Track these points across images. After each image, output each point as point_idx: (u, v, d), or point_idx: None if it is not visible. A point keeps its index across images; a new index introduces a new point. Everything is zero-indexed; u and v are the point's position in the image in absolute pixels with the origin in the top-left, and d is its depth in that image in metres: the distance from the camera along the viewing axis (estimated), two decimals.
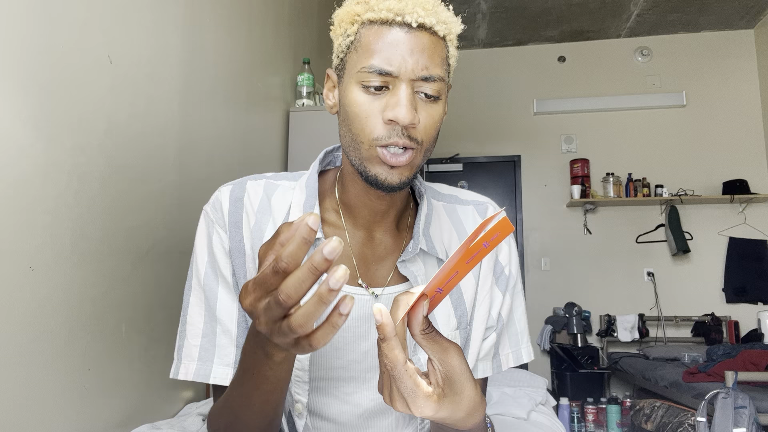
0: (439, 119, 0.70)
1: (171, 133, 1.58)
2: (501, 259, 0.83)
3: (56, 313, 1.11)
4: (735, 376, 2.48)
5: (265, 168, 2.38)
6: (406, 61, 0.65)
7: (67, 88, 1.13)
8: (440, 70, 0.68)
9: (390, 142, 0.66)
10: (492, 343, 0.81)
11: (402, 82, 0.66)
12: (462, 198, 0.86)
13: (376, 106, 0.67)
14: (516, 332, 0.84)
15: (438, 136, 0.73)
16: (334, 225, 0.79)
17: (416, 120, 0.66)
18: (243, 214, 0.78)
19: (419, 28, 0.66)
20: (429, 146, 0.70)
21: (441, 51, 0.69)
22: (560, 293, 4.43)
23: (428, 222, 0.79)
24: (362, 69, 0.67)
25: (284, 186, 0.81)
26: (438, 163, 4.77)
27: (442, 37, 0.69)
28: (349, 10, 0.70)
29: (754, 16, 4.36)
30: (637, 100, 4.59)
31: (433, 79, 0.67)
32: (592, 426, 3.62)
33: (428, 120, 0.68)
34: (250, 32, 2.21)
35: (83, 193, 1.19)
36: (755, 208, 4.35)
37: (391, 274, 0.78)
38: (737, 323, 4.19)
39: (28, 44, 1.03)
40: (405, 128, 0.66)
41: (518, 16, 4.37)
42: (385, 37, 0.66)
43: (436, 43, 0.68)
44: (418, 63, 0.66)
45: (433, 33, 0.67)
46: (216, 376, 0.74)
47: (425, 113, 0.68)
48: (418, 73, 0.66)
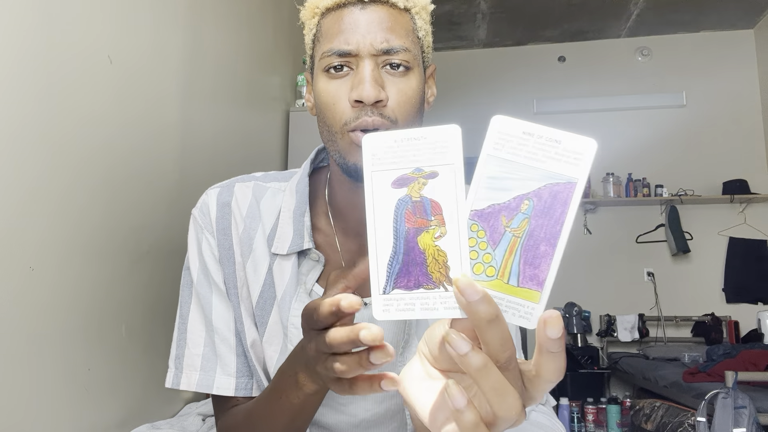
0: (413, 94, 0.65)
1: (171, 133, 1.58)
2: None
3: (56, 313, 1.11)
4: (735, 376, 2.48)
5: (265, 168, 2.37)
6: (364, 37, 0.63)
7: (67, 88, 1.13)
8: (405, 40, 0.64)
9: (358, 123, 0.63)
10: None
11: (363, 59, 0.63)
12: None
13: (342, 90, 0.65)
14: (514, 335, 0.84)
15: (421, 117, 0.69)
16: (324, 232, 0.76)
17: (382, 96, 0.63)
18: (231, 220, 0.76)
19: (374, 2, 0.64)
20: (407, 124, 0.65)
21: (405, 23, 0.66)
22: (560, 293, 4.43)
23: None
24: (323, 55, 0.65)
25: (273, 188, 0.78)
26: None
27: (404, 9, 0.66)
28: (308, 5, 0.69)
29: (754, 16, 4.36)
30: (637, 100, 4.59)
31: (396, 51, 0.64)
32: (592, 426, 3.62)
33: (400, 96, 0.64)
34: (250, 32, 2.21)
35: (83, 193, 1.19)
36: (755, 208, 4.35)
37: None
38: (737, 323, 4.19)
39: (28, 44, 1.03)
40: (374, 106, 0.63)
41: (518, 16, 4.37)
42: (343, 20, 0.64)
43: (396, 15, 0.65)
44: (376, 37, 0.63)
45: (392, 5, 0.65)
46: (219, 387, 0.73)
47: (395, 88, 0.64)
48: (378, 46, 0.63)
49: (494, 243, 0.37)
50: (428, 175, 0.38)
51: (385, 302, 0.38)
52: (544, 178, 0.36)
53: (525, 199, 0.37)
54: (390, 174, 0.37)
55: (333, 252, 0.75)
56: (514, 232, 0.36)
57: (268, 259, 0.74)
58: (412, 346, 0.73)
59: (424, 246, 0.37)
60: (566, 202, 0.36)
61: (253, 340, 0.74)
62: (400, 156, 0.38)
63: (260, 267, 0.74)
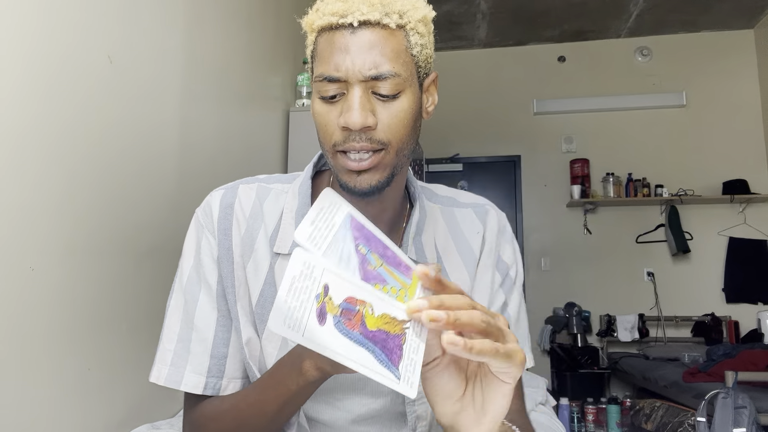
0: (405, 116, 0.66)
1: (171, 133, 1.58)
2: (505, 259, 0.82)
3: (56, 313, 1.11)
4: (735, 376, 2.48)
5: (265, 168, 2.38)
6: (353, 63, 0.64)
7: (67, 88, 1.13)
8: (394, 64, 0.64)
9: (347, 146, 0.65)
10: None
11: (353, 85, 0.64)
12: (460, 201, 0.84)
13: (333, 114, 0.66)
14: (524, 336, 0.82)
15: (416, 133, 0.70)
16: None
17: (370, 122, 0.64)
18: (233, 221, 0.77)
19: (364, 25, 0.64)
20: (402, 145, 0.67)
21: (395, 43, 0.65)
22: (560, 293, 4.43)
23: (420, 229, 0.78)
24: (316, 78, 0.67)
25: (276, 190, 0.80)
26: (438, 163, 4.76)
27: (398, 27, 0.66)
28: (307, 19, 0.69)
29: (754, 16, 4.36)
30: (637, 100, 4.59)
31: (385, 77, 0.64)
32: (592, 426, 3.62)
33: (390, 119, 0.66)
34: (250, 32, 2.21)
35: (83, 193, 1.19)
36: (755, 208, 4.35)
37: None
38: (737, 323, 4.19)
39: (29, 44, 1.03)
40: (362, 132, 0.65)
41: (518, 16, 4.37)
42: (334, 43, 0.65)
43: (387, 37, 0.65)
44: (365, 63, 0.64)
45: (383, 27, 0.65)
46: (187, 384, 0.73)
47: (386, 113, 0.65)
48: (367, 72, 0.64)
49: (384, 280, 0.48)
50: (325, 291, 0.45)
51: (406, 382, 0.45)
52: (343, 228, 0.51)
53: (359, 245, 0.50)
54: (308, 320, 0.44)
55: None
56: (378, 264, 0.49)
57: (269, 259, 0.75)
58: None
59: (374, 326, 0.45)
60: (358, 226, 0.52)
61: (249, 338, 0.75)
62: (298, 301, 0.44)
63: (261, 267, 0.75)
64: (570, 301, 4.27)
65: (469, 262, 0.80)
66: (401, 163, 0.70)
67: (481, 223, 0.82)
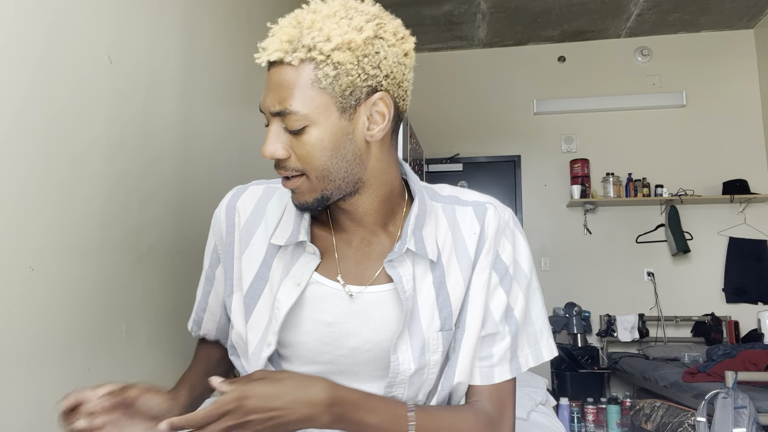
0: (316, 146, 0.70)
1: (171, 133, 1.58)
2: (504, 258, 0.82)
3: (56, 313, 1.11)
4: (735, 376, 2.48)
5: (265, 168, 2.38)
6: (265, 99, 0.70)
7: (67, 88, 1.13)
8: (293, 101, 0.68)
9: (276, 170, 0.74)
10: (507, 346, 0.81)
11: (271, 118, 0.71)
12: (463, 199, 0.85)
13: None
14: (534, 332, 0.84)
15: (342, 158, 0.72)
16: (324, 227, 0.83)
17: (279, 153, 0.71)
18: (235, 218, 0.85)
19: (273, 64, 0.70)
20: (323, 172, 0.71)
21: (299, 79, 0.68)
22: (560, 293, 4.43)
23: (420, 223, 0.79)
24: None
25: (283, 189, 0.85)
26: (438, 163, 4.76)
27: (302, 62, 0.68)
28: None
29: (754, 16, 4.36)
30: (637, 100, 4.59)
31: (285, 114, 0.69)
32: (592, 426, 3.62)
33: (301, 151, 0.71)
34: (249, 32, 2.21)
35: (83, 193, 1.19)
36: (755, 208, 4.35)
37: (377, 274, 0.79)
38: (737, 323, 4.19)
39: (29, 44, 1.03)
40: (277, 161, 0.73)
41: (518, 16, 4.37)
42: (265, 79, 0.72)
43: (291, 73, 0.68)
44: (273, 100, 0.69)
45: (287, 64, 0.68)
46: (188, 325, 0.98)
47: (297, 144, 0.71)
48: (272, 109, 0.70)
49: None
50: None
51: None
52: None
53: None
54: None
55: (329, 245, 0.81)
56: None
57: (264, 253, 0.82)
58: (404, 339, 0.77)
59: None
60: None
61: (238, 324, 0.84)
62: None
63: (255, 259, 0.82)
64: (570, 301, 4.26)
65: (464, 264, 0.80)
66: (336, 187, 0.73)
67: (479, 223, 0.82)
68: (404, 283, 0.76)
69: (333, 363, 0.78)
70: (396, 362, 0.76)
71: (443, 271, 0.79)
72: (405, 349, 0.76)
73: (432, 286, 0.79)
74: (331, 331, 0.77)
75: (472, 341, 0.79)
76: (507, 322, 0.81)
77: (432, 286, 0.79)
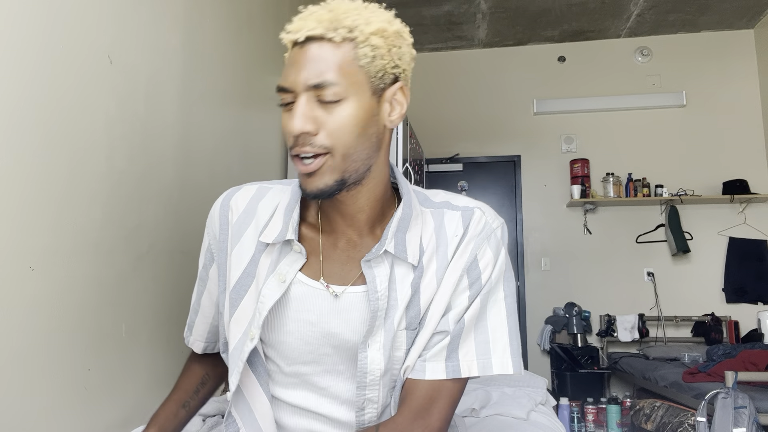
0: (348, 122, 0.72)
1: (171, 133, 1.58)
2: (481, 264, 0.80)
3: (56, 313, 1.11)
4: (735, 376, 2.48)
5: (265, 168, 2.38)
6: (298, 74, 0.71)
7: (67, 88, 1.14)
8: (334, 74, 0.70)
9: (296, 151, 0.73)
10: (445, 344, 0.78)
11: (299, 94, 0.72)
12: (453, 204, 0.84)
13: (287, 122, 0.74)
14: (486, 341, 0.79)
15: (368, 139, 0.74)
16: (312, 227, 0.85)
17: (309, 128, 0.71)
18: (229, 215, 0.87)
19: (311, 40, 0.72)
20: (349, 150, 0.73)
21: (340, 56, 0.71)
22: (560, 293, 4.43)
23: (403, 226, 0.79)
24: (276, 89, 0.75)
25: (276, 190, 0.87)
26: (438, 163, 4.77)
27: (344, 41, 0.71)
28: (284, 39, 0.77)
29: (754, 16, 4.36)
30: (637, 100, 4.59)
31: (324, 85, 0.70)
32: (592, 426, 3.62)
33: (333, 125, 0.71)
34: (250, 32, 2.21)
35: (83, 193, 1.19)
36: (755, 208, 4.35)
37: (358, 275, 0.80)
38: (737, 323, 4.19)
39: (29, 44, 1.03)
40: (306, 136, 0.71)
41: (518, 16, 4.37)
42: (289, 58, 0.74)
43: (331, 49, 0.71)
44: (309, 74, 0.71)
45: (328, 40, 0.71)
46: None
47: (329, 119, 0.71)
48: (309, 82, 0.71)
49: None
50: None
51: None
52: None
53: None
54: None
55: (316, 246, 0.83)
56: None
57: (253, 250, 0.83)
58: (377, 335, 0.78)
59: None
60: None
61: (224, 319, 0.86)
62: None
63: (244, 256, 0.83)
64: (570, 301, 4.26)
65: (440, 265, 0.80)
66: (355, 169, 0.75)
67: (463, 227, 0.81)
68: (377, 284, 0.77)
69: (316, 362, 0.80)
70: (364, 361, 0.76)
71: (422, 273, 0.79)
72: (376, 349, 0.77)
73: (410, 288, 0.79)
74: (314, 331, 0.79)
75: (425, 337, 0.78)
76: (456, 323, 0.79)
77: (410, 287, 0.79)
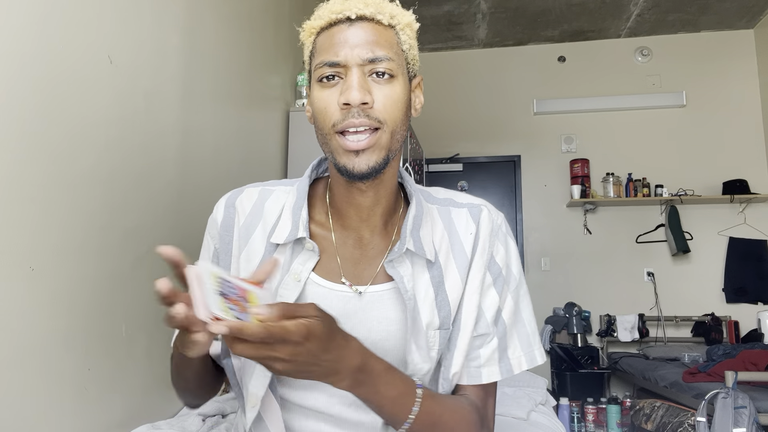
0: (398, 98, 0.73)
1: (171, 133, 1.58)
2: (498, 260, 0.83)
3: (56, 313, 1.11)
4: (735, 376, 2.48)
5: (265, 168, 2.38)
6: (352, 49, 0.71)
7: (67, 88, 1.14)
8: (388, 51, 0.72)
9: (345, 124, 0.71)
10: (495, 347, 0.81)
11: (351, 68, 0.71)
12: (457, 201, 0.87)
13: (333, 96, 0.72)
14: (527, 334, 0.84)
15: (407, 120, 0.76)
16: (323, 226, 0.83)
17: (368, 99, 0.70)
18: (235, 217, 0.84)
19: (361, 19, 0.73)
20: (396, 127, 0.74)
21: (389, 37, 0.74)
22: (560, 293, 4.43)
23: (417, 223, 0.80)
24: (316, 66, 0.74)
25: (279, 191, 0.86)
26: (438, 163, 4.77)
27: (389, 26, 0.74)
28: (306, 27, 0.77)
29: (754, 16, 4.36)
30: (637, 100, 4.59)
31: (380, 59, 0.71)
32: (592, 426, 3.63)
33: (386, 99, 0.72)
34: (250, 32, 2.21)
35: (83, 193, 1.19)
36: (755, 208, 4.35)
37: (377, 274, 0.80)
38: (737, 323, 4.19)
39: (29, 44, 1.03)
40: (360, 108, 0.70)
41: (518, 16, 4.37)
42: (333, 36, 0.73)
43: (381, 30, 0.73)
44: (363, 48, 0.71)
45: (377, 22, 0.73)
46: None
47: (381, 93, 0.72)
48: (364, 56, 0.71)
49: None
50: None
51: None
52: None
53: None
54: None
55: (329, 244, 0.82)
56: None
57: (263, 252, 0.81)
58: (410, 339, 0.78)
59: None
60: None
61: None
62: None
63: (254, 259, 0.82)
64: (570, 301, 4.26)
65: (461, 264, 0.82)
66: (395, 148, 0.76)
67: (475, 223, 0.84)
68: (405, 283, 0.77)
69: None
70: (413, 363, 0.77)
71: (441, 271, 0.80)
72: (414, 350, 0.77)
73: (430, 285, 0.79)
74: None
75: (466, 339, 0.80)
76: (496, 324, 0.82)
77: (430, 285, 0.79)
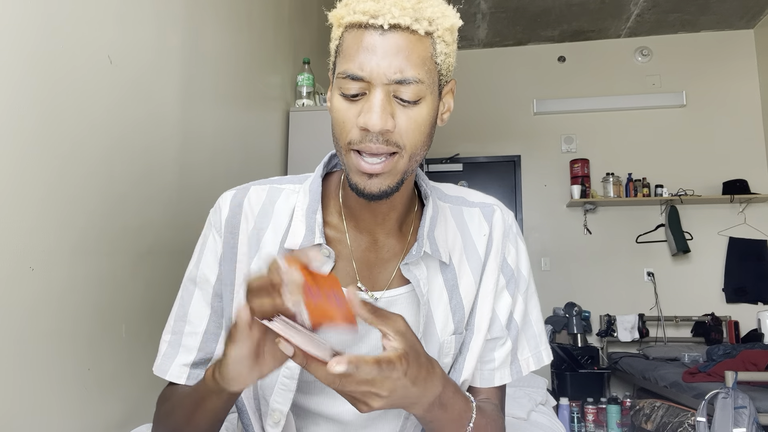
0: (423, 122, 0.67)
1: (171, 133, 1.58)
2: (509, 261, 0.82)
3: (56, 313, 1.11)
4: (735, 376, 2.48)
5: (265, 168, 2.38)
6: (379, 65, 0.63)
7: (67, 88, 1.13)
8: (418, 71, 0.65)
9: (362, 147, 0.65)
10: (508, 350, 0.81)
11: (376, 87, 0.64)
12: (469, 200, 0.84)
13: (352, 112, 0.66)
14: (535, 335, 0.84)
15: (430, 139, 0.70)
16: (336, 228, 0.78)
17: (390, 125, 0.64)
18: (242, 219, 0.78)
19: (394, 28, 0.64)
20: (416, 150, 0.68)
21: (422, 50, 0.65)
22: (560, 293, 4.43)
23: (433, 224, 0.78)
24: (339, 74, 0.66)
25: (288, 190, 0.80)
26: (438, 163, 4.77)
27: (425, 35, 0.66)
28: (336, 13, 0.68)
29: (754, 16, 4.36)
30: (637, 100, 4.59)
31: (408, 82, 0.64)
32: (592, 426, 3.62)
33: (408, 124, 0.66)
34: (250, 32, 2.21)
35: (83, 193, 1.19)
36: (755, 208, 4.35)
37: (392, 277, 0.77)
38: (737, 323, 4.19)
39: (28, 44, 1.03)
40: (381, 133, 0.64)
41: (518, 16, 4.37)
42: (361, 42, 0.64)
43: (415, 42, 0.64)
44: (391, 66, 0.63)
45: (412, 32, 0.64)
46: (172, 374, 0.78)
47: (404, 117, 0.65)
48: (391, 76, 0.63)
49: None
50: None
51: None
52: None
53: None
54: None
55: (344, 248, 0.77)
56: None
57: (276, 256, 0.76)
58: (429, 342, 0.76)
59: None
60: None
61: None
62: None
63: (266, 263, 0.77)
64: (570, 301, 4.26)
65: (475, 266, 0.80)
66: (412, 169, 0.70)
67: (488, 224, 0.82)
68: (422, 286, 0.75)
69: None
70: None
71: (455, 273, 0.78)
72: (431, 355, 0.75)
73: (444, 289, 0.78)
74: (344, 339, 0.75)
75: (479, 343, 0.79)
76: (509, 327, 0.81)
77: (444, 288, 0.78)
